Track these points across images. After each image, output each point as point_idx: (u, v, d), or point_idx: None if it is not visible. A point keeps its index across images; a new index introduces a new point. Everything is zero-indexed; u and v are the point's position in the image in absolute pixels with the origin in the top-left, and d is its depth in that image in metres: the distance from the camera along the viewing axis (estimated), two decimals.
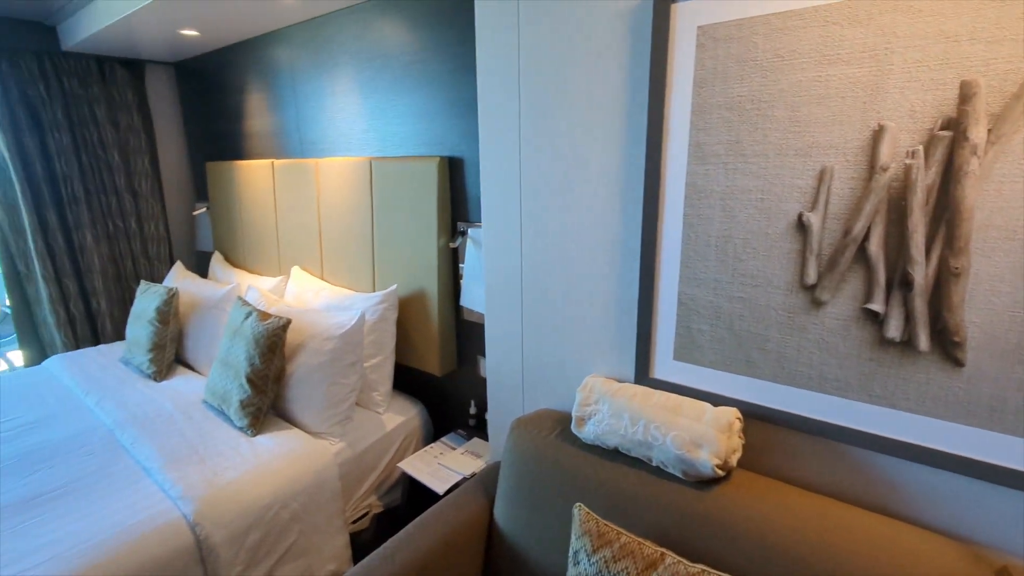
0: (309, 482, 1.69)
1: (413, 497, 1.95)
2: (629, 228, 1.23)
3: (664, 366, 1.24)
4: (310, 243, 2.43)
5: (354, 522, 1.90)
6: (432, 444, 1.98)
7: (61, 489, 1.57)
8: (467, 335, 2.03)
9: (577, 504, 1.10)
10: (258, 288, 2.35)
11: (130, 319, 2.49)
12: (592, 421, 1.26)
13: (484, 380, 2.00)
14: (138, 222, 3.04)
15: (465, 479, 1.75)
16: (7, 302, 3.59)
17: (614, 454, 1.24)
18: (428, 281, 1.96)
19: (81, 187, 2.78)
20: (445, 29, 1.76)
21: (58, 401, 2.15)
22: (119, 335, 3.00)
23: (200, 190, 3.30)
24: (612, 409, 1.22)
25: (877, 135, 0.88)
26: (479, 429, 2.04)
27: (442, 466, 1.83)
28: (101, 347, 2.71)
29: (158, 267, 3.15)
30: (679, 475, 1.13)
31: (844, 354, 0.98)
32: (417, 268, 1.98)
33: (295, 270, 2.50)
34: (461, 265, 1.93)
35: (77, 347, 2.87)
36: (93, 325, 2.95)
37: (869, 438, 0.99)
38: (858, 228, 0.92)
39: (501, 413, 1.67)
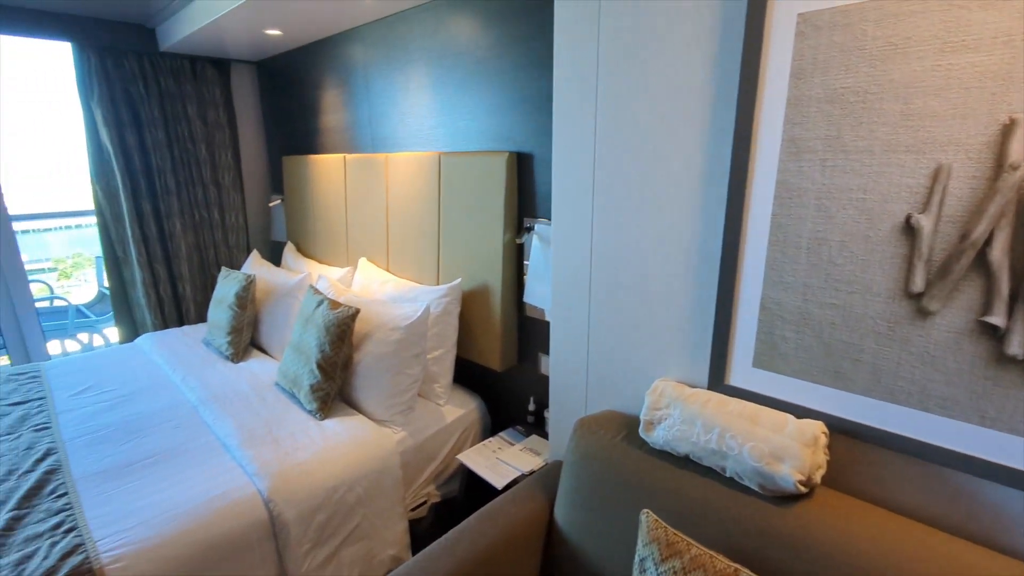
0: (373, 468, 1.74)
1: (470, 489, 1.97)
2: (709, 227, 1.18)
3: (741, 373, 1.18)
4: (377, 236, 2.49)
5: (412, 510, 1.94)
6: (490, 439, 1.99)
7: (151, 459, 1.69)
8: (528, 332, 2.02)
9: (644, 510, 1.06)
10: (328, 278, 2.44)
11: (212, 303, 2.66)
12: (662, 426, 1.22)
13: (544, 377, 1.99)
14: (220, 212, 3.23)
15: (524, 476, 1.74)
16: (106, 283, 3.93)
17: (684, 461, 1.19)
18: (492, 276, 1.96)
19: (172, 179, 2.99)
20: (518, 24, 1.75)
21: (149, 376, 2.32)
22: (201, 318, 3.20)
23: (276, 183, 3.47)
24: (684, 415, 1.18)
25: (1007, 130, 0.79)
26: (537, 426, 2.03)
27: (500, 461, 1.84)
28: (185, 328, 2.90)
29: (236, 255, 3.34)
30: (755, 488, 1.07)
31: (953, 370, 0.90)
32: (481, 263, 1.99)
33: (362, 261, 2.58)
34: (526, 262, 1.92)
35: (164, 327, 3.09)
36: (179, 308, 3.17)
37: (978, 463, 0.90)
38: (978, 232, 0.84)
39: (563, 412, 1.65)
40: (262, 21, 2.30)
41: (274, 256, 3.48)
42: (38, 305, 3.04)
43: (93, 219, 2.92)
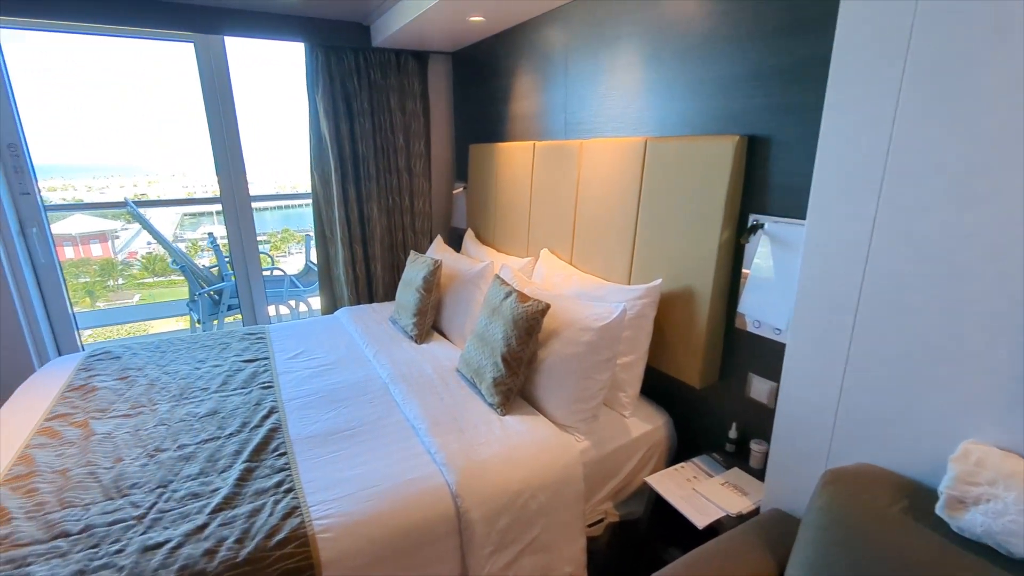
0: (556, 477, 1.62)
1: (655, 515, 1.76)
2: None
3: None
4: (563, 227, 2.37)
5: (589, 526, 1.79)
6: (683, 463, 1.76)
7: (350, 430, 1.78)
8: (737, 346, 1.73)
9: None
10: (511, 268, 2.40)
11: (400, 284, 2.79)
12: (982, 510, 0.88)
13: (753, 402, 1.69)
14: (410, 198, 3.41)
15: (729, 517, 1.49)
16: (313, 258, 4.45)
17: (1018, 565, 0.85)
18: (699, 279, 1.71)
19: (374, 166, 3.22)
20: None
21: (347, 348, 2.50)
22: (388, 296, 3.43)
23: (460, 171, 3.57)
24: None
25: None
26: (739, 457, 1.74)
27: (698, 493, 1.59)
28: (375, 305, 3.12)
29: (421, 239, 3.52)
30: None
31: None
32: (687, 263, 1.75)
33: (544, 252, 2.49)
34: (745, 269, 1.63)
35: (358, 303, 3.37)
36: (370, 286, 3.43)
37: None
38: None
39: (793, 454, 1.35)
40: (468, 8, 2.30)
41: (454, 242, 3.59)
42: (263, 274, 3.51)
43: (298, 200, 3.26)
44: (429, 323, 2.61)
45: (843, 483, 1.09)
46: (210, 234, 4.45)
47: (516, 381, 1.86)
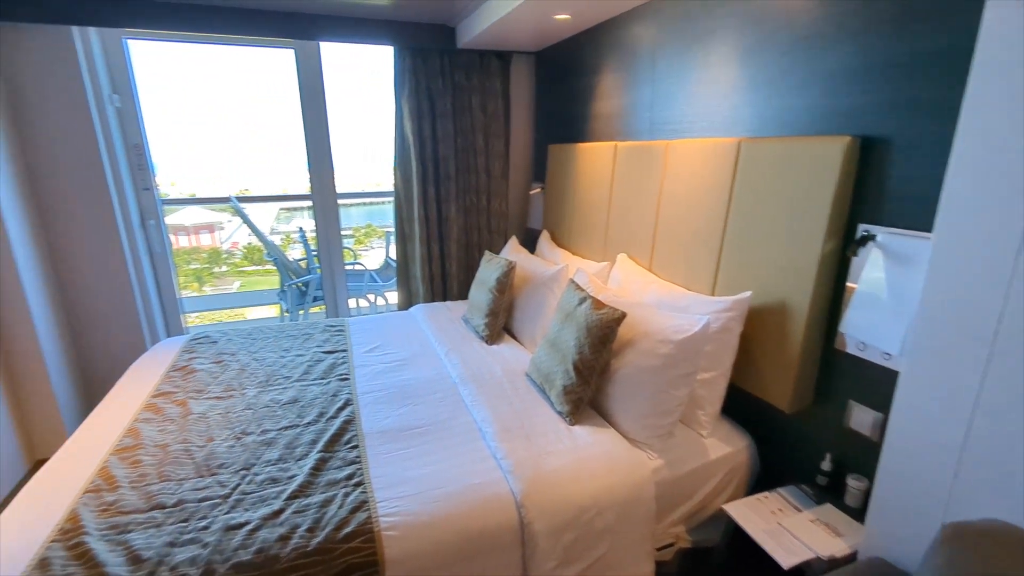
0: (626, 495, 1.55)
1: (732, 546, 1.63)
2: None
3: None
4: (642, 231, 2.27)
5: (658, 549, 1.69)
6: (766, 493, 1.62)
7: (420, 428, 1.80)
8: (836, 369, 1.56)
9: None
10: (586, 272, 2.33)
11: (474, 284, 2.81)
12: None
13: (852, 433, 1.52)
14: (487, 198, 3.42)
15: (820, 560, 1.34)
16: (392, 255, 4.60)
17: None
18: (795, 294, 1.56)
19: (453, 166, 3.26)
20: None
21: (419, 345, 2.55)
22: (461, 295, 3.47)
23: (538, 171, 3.53)
24: None
25: None
26: (833, 493, 1.57)
27: (783, 528, 1.46)
28: (448, 303, 3.16)
29: (495, 239, 3.52)
30: None
31: None
32: (781, 276, 1.60)
33: (621, 257, 2.39)
34: (851, 283, 1.46)
35: (432, 300, 3.43)
36: (445, 284, 3.49)
37: None
38: None
39: (901, 497, 1.19)
40: (554, 6, 2.26)
41: (528, 243, 3.57)
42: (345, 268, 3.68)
43: (381, 198, 3.37)
44: (501, 324, 2.60)
45: (968, 541, 0.94)
46: (300, 228, 4.73)
47: (587, 391, 1.80)
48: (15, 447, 2.44)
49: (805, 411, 1.66)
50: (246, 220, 4.04)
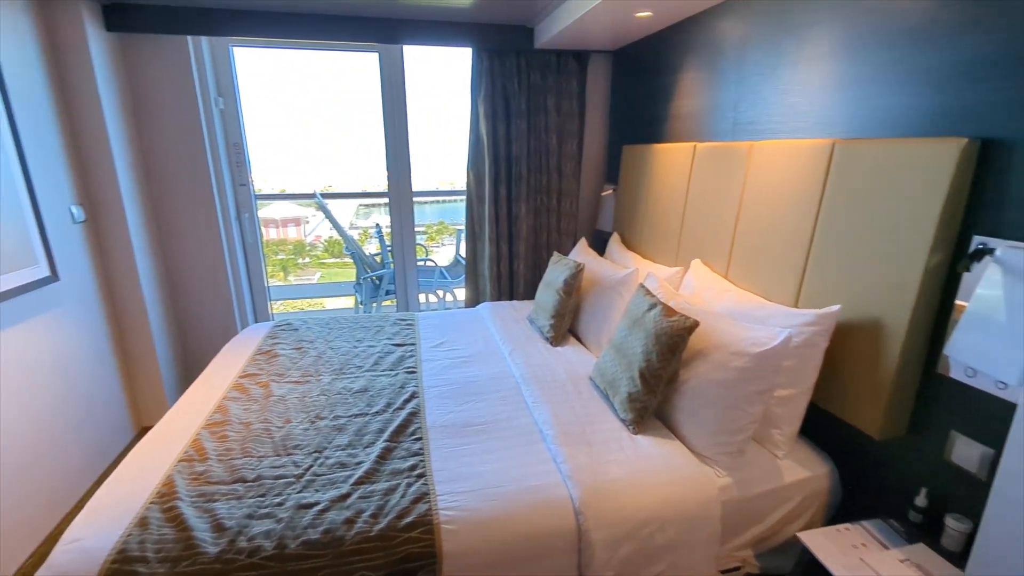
0: (689, 512, 1.48)
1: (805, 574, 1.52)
2: None
3: None
4: (720, 237, 2.16)
5: (722, 573, 1.61)
6: (848, 524, 1.49)
7: (481, 426, 1.82)
8: (937, 396, 1.41)
9: None
10: (656, 277, 2.25)
11: (541, 285, 2.80)
12: None
13: (954, 467, 1.36)
14: (558, 199, 3.40)
15: None
16: (462, 253, 4.69)
17: None
18: (893, 310, 1.42)
19: (525, 166, 3.27)
20: None
21: (485, 343, 2.58)
22: (527, 295, 3.48)
23: (610, 172, 3.47)
24: None
25: None
26: (928, 532, 1.42)
27: (867, 565, 1.33)
28: (515, 302, 3.18)
29: (564, 240, 3.50)
30: None
31: None
32: (876, 290, 1.47)
33: (695, 263, 2.30)
34: (960, 301, 1.31)
35: (499, 299, 3.46)
36: (511, 283, 3.51)
37: None
38: None
39: (1013, 545, 1.06)
40: (635, 4, 2.20)
41: (598, 245, 3.51)
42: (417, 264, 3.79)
43: (454, 196, 3.43)
44: (566, 326, 2.57)
45: None
46: (377, 224, 4.94)
47: (652, 400, 1.74)
48: (125, 415, 2.73)
49: (898, 439, 1.52)
50: (328, 215, 4.28)
